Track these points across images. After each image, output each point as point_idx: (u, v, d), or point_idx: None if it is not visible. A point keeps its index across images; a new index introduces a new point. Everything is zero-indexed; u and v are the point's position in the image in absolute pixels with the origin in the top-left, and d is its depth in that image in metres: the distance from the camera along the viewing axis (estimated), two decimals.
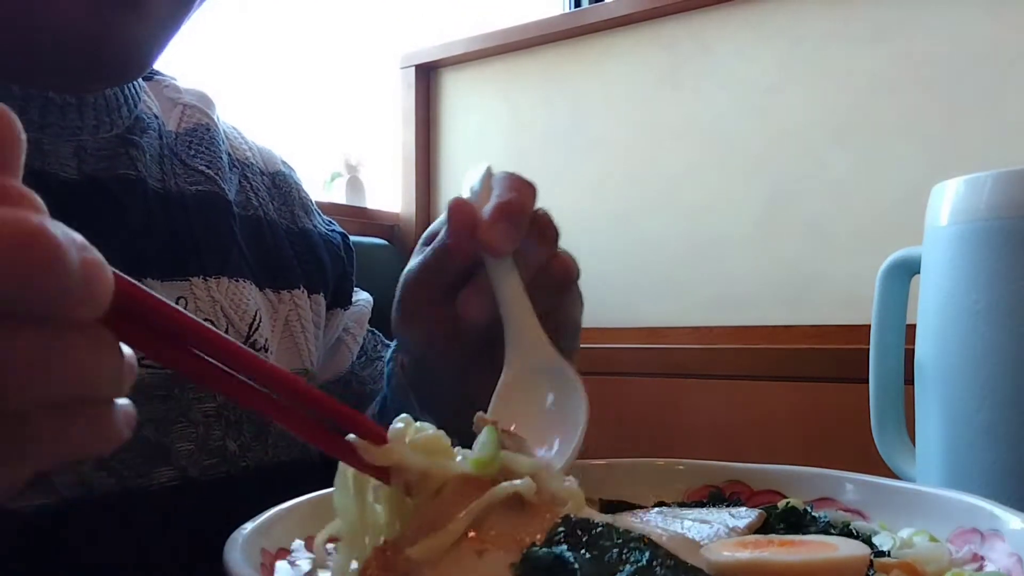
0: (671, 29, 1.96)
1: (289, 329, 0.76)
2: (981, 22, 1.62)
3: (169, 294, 0.65)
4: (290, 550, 0.41)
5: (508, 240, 0.56)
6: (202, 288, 0.68)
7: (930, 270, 0.70)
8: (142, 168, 0.68)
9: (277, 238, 0.78)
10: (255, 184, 0.79)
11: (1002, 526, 0.40)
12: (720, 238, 1.86)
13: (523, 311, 0.56)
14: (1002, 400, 0.63)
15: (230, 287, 0.70)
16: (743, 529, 0.44)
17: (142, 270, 0.65)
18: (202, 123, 0.76)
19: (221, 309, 0.69)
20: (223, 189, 0.73)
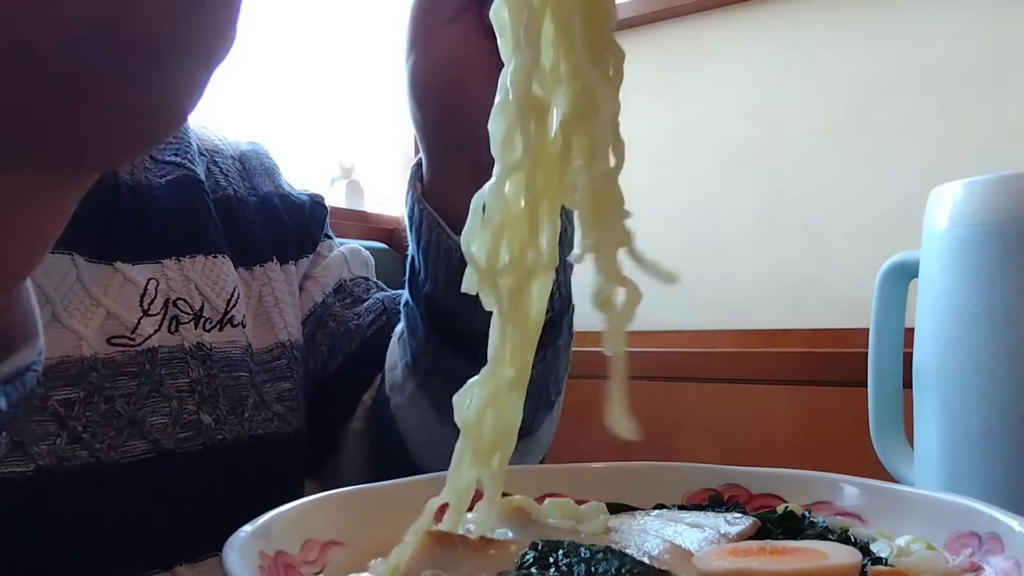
0: (670, 33, 1.96)
1: (263, 306, 0.76)
2: (979, 26, 1.62)
3: (139, 276, 0.66)
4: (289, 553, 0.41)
5: None
6: (174, 269, 0.69)
7: (929, 274, 0.70)
8: None
9: (247, 214, 0.78)
10: (224, 167, 0.79)
11: (1000, 529, 0.40)
12: (719, 242, 1.86)
13: None
14: (1001, 404, 0.63)
15: (206, 264, 0.71)
16: (735, 536, 0.44)
17: (112, 254, 0.66)
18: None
19: (196, 287, 0.69)
20: (194, 171, 0.74)
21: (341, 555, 0.43)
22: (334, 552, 0.43)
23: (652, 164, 1.98)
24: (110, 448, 0.62)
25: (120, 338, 0.64)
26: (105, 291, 0.65)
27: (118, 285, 0.65)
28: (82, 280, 0.63)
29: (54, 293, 0.62)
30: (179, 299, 0.68)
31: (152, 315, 0.66)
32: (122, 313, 0.65)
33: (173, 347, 0.67)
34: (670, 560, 0.40)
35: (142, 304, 0.66)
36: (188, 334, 0.68)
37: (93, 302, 0.64)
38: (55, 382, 0.60)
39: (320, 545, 0.42)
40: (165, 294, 0.68)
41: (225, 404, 0.69)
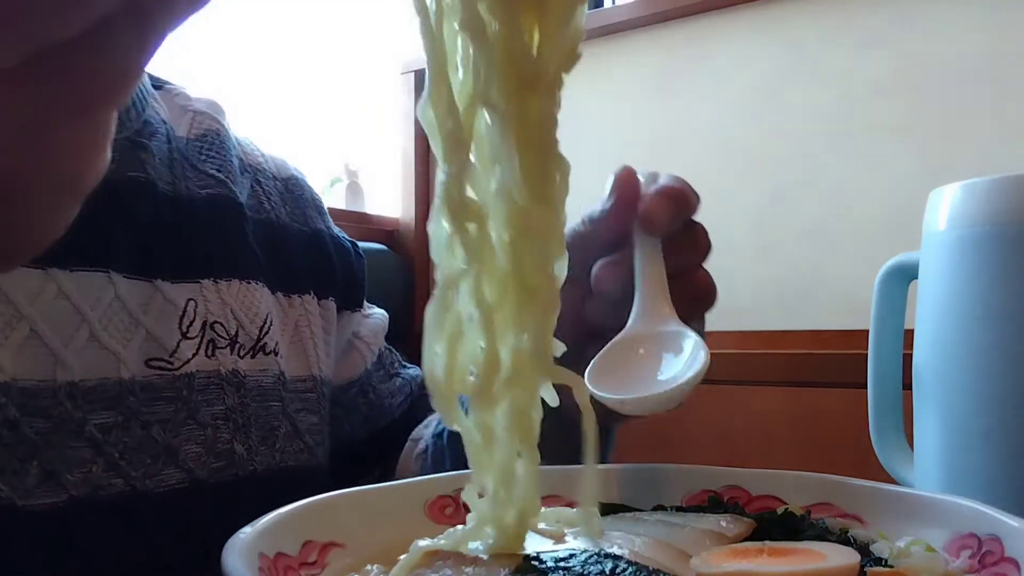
0: (669, 34, 1.96)
1: (299, 334, 0.75)
2: (979, 26, 1.62)
3: (178, 295, 0.66)
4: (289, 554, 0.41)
5: (667, 216, 0.58)
6: (212, 290, 0.68)
7: (928, 275, 0.70)
8: (151, 170, 0.67)
9: (288, 242, 0.78)
10: (267, 188, 0.78)
11: (1000, 531, 0.40)
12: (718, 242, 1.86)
13: (659, 288, 0.56)
14: (1001, 405, 0.63)
15: (241, 289, 0.70)
16: (731, 537, 0.44)
17: (151, 271, 0.65)
18: (212, 128, 0.76)
19: (231, 311, 0.69)
20: (234, 192, 0.73)
21: (340, 557, 0.43)
22: (333, 554, 0.43)
23: (652, 165, 1.98)
24: (145, 476, 0.60)
25: (159, 360, 0.63)
26: (145, 310, 0.63)
27: (158, 304, 0.64)
28: (121, 298, 0.62)
29: (91, 312, 0.60)
30: (216, 322, 0.67)
31: (191, 338, 0.65)
32: (161, 334, 0.64)
33: (210, 372, 0.66)
34: (668, 563, 0.40)
35: (181, 326, 0.65)
36: (224, 359, 0.67)
37: (133, 320, 0.62)
38: (93, 405, 0.59)
39: (319, 547, 0.42)
40: (203, 316, 0.67)
41: (257, 434, 0.68)
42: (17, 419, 0.56)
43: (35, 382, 0.57)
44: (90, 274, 0.61)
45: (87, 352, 0.59)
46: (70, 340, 0.59)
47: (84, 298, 0.60)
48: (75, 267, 0.60)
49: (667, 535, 0.45)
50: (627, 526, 0.47)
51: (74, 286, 0.60)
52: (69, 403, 0.58)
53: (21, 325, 0.57)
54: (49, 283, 0.59)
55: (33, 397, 0.57)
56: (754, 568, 0.39)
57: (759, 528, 0.46)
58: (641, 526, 0.47)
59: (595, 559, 0.38)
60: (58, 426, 0.57)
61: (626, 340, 0.54)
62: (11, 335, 0.56)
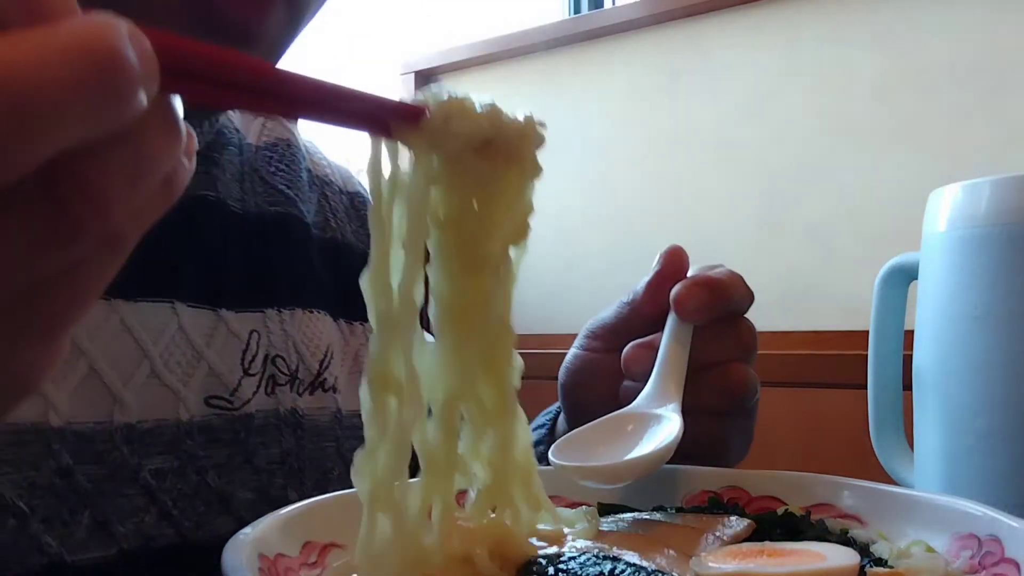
0: (670, 35, 1.96)
1: (358, 365, 0.73)
2: (979, 28, 1.62)
3: (242, 327, 0.64)
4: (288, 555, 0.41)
5: (697, 303, 0.58)
6: (275, 321, 0.66)
7: (928, 276, 0.70)
8: (222, 188, 0.66)
9: (353, 263, 0.74)
10: (334, 204, 0.76)
11: (1000, 531, 0.40)
12: (718, 244, 1.86)
13: (673, 372, 0.57)
14: (1000, 405, 0.63)
15: (303, 319, 0.68)
16: (729, 538, 0.44)
17: (217, 300, 0.63)
18: (283, 138, 0.74)
19: (293, 344, 0.66)
20: (302, 212, 0.71)
21: (340, 557, 0.43)
22: (333, 554, 0.43)
23: (652, 166, 1.98)
24: (197, 526, 0.58)
25: (219, 399, 0.61)
26: (208, 342, 0.61)
27: (222, 337, 0.62)
28: (184, 329, 0.60)
29: (153, 347, 0.58)
30: (278, 356, 0.65)
31: (252, 375, 0.63)
32: (223, 370, 0.61)
33: (268, 412, 0.64)
34: (667, 563, 0.40)
35: (243, 361, 0.63)
36: (284, 397, 0.65)
37: (195, 354, 0.60)
38: (148, 449, 0.57)
39: (319, 547, 0.42)
40: (266, 349, 0.65)
41: (311, 478, 0.66)
42: (71, 467, 0.53)
43: (91, 425, 0.54)
44: (155, 305, 0.59)
45: (146, 390, 0.57)
46: (130, 378, 0.56)
47: (147, 331, 0.58)
48: (140, 298, 0.58)
49: (667, 535, 0.45)
50: (627, 526, 0.47)
51: (137, 318, 0.57)
52: (125, 447, 0.56)
53: (80, 362, 0.54)
54: (112, 315, 0.56)
55: (88, 441, 0.54)
56: (754, 568, 0.39)
57: (759, 529, 0.46)
58: (641, 526, 0.47)
59: (594, 560, 0.38)
60: (112, 473, 0.55)
61: (618, 417, 0.55)
62: (69, 373, 0.54)
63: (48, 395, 0.53)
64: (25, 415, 0.52)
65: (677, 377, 0.56)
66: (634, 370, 0.59)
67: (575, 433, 0.54)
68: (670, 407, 0.54)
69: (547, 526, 0.45)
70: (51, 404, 0.53)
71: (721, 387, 0.59)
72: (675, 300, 0.59)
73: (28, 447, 0.52)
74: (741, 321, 0.61)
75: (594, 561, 0.38)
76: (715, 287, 0.59)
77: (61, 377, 0.53)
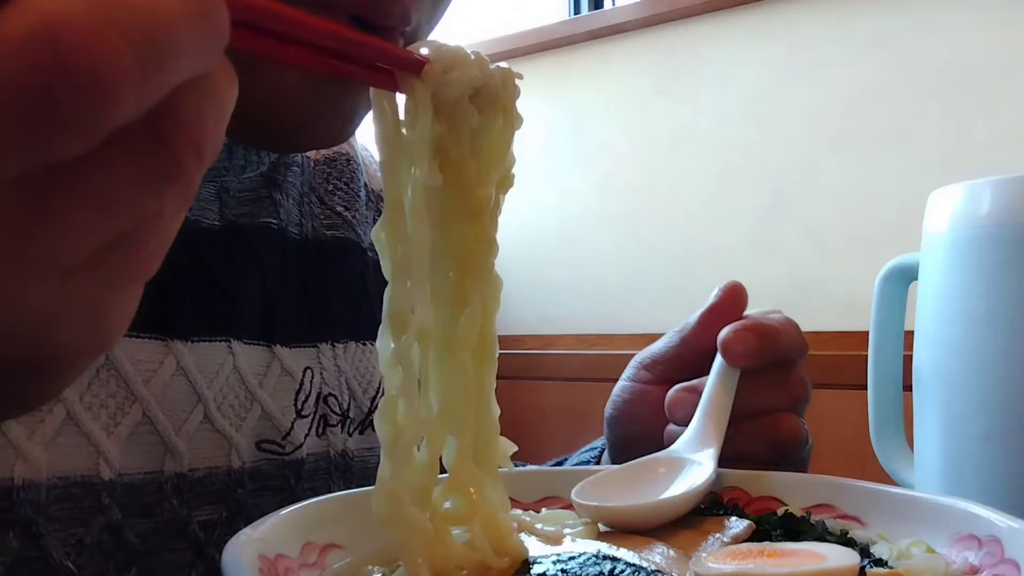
0: (670, 36, 1.96)
1: None
2: (979, 29, 1.62)
3: (296, 364, 0.62)
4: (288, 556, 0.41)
5: (744, 347, 0.57)
6: (329, 356, 0.64)
7: (928, 276, 0.70)
8: (283, 215, 0.64)
9: None
10: None
11: (1000, 532, 0.40)
12: (718, 244, 1.86)
13: (714, 418, 0.55)
14: (1000, 406, 0.63)
15: (356, 352, 0.67)
16: (729, 539, 0.44)
17: (271, 334, 0.61)
18: (342, 152, 0.72)
19: (345, 380, 0.65)
20: (358, 235, 0.70)
21: (340, 558, 0.43)
22: (333, 555, 0.43)
23: (652, 167, 1.98)
24: None
25: (271, 443, 0.60)
26: (261, 382, 0.59)
27: (275, 376, 0.60)
28: (239, 368, 0.58)
29: (207, 390, 0.56)
30: (330, 395, 0.64)
31: (304, 416, 0.62)
32: (276, 413, 0.60)
33: (319, 456, 0.62)
34: (666, 563, 0.40)
35: (296, 402, 0.61)
36: (334, 439, 0.64)
37: (248, 396, 0.58)
38: (199, 499, 0.55)
39: (319, 548, 0.42)
40: (318, 388, 0.63)
41: None
42: (120, 522, 0.51)
43: (141, 476, 0.53)
44: (211, 344, 0.57)
45: (199, 437, 0.55)
46: (182, 424, 0.55)
47: (202, 373, 0.56)
48: (197, 337, 0.56)
49: (666, 536, 0.45)
50: None
51: (193, 360, 0.56)
52: (175, 499, 0.54)
53: (134, 409, 0.53)
54: (168, 358, 0.55)
55: (138, 494, 0.53)
56: (753, 569, 0.39)
57: (759, 529, 0.46)
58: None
59: (594, 560, 0.38)
60: (161, 526, 0.53)
61: (653, 461, 0.54)
62: (122, 420, 0.52)
63: (100, 445, 0.51)
64: (75, 468, 0.50)
65: (718, 423, 0.55)
66: (677, 414, 0.58)
67: (604, 474, 0.52)
68: (707, 453, 0.52)
69: (547, 527, 0.45)
70: (103, 455, 0.51)
71: (767, 437, 0.57)
72: (722, 343, 0.57)
73: (78, 502, 0.50)
74: (793, 370, 0.60)
75: (593, 561, 0.38)
76: (765, 333, 0.58)
77: (114, 425, 0.52)
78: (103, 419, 0.52)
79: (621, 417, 0.66)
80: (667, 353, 0.65)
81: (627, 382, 0.67)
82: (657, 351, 0.66)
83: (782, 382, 0.59)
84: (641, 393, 0.65)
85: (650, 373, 0.65)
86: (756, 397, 0.57)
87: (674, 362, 0.63)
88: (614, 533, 0.46)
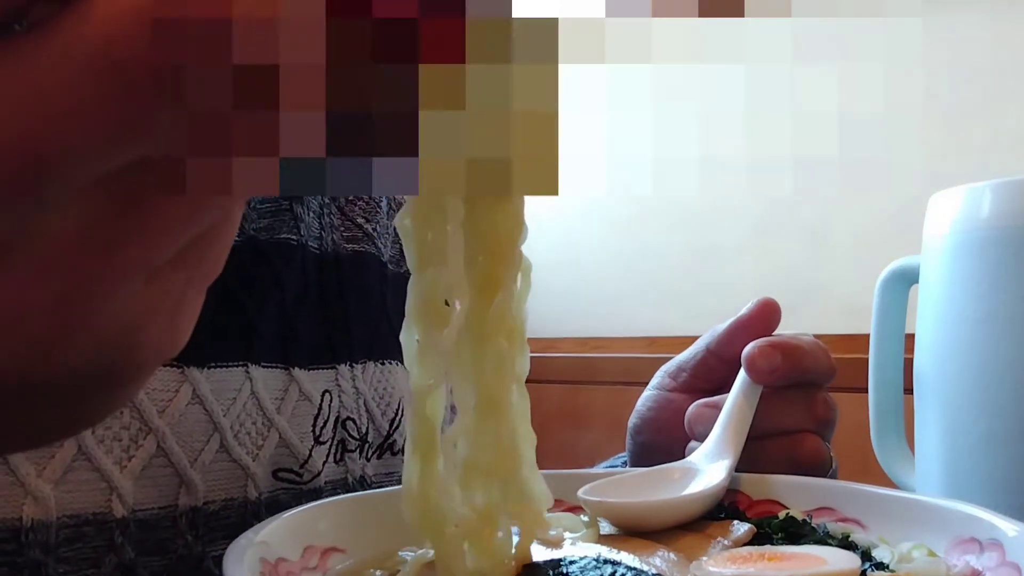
0: (671, 33, 1.96)
1: None
2: (981, 32, 1.62)
3: (314, 388, 0.60)
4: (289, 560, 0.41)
5: (769, 364, 0.56)
6: (347, 378, 0.62)
7: (929, 279, 0.70)
8: (303, 229, 0.62)
9: None
10: None
11: (1001, 535, 0.40)
12: (719, 247, 1.86)
13: (732, 434, 0.55)
14: (1002, 409, 0.63)
15: (375, 373, 0.64)
16: (730, 544, 0.44)
17: (289, 356, 0.59)
18: None
19: (364, 403, 0.63)
20: (379, 249, 0.68)
21: (341, 562, 0.43)
22: (334, 559, 0.43)
23: (653, 168, 1.98)
24: None
25: (288, 472, 0.58)
26: (279, 407, 0.57)
27: (293, 400, 0.58)
28: (256, 394, 0.56)
29: (224, 418, 0.54)
30: (348, 419, 0.62)
31: (323, 442, 0.60)
32: (295, 440, 0.58)
33: (337, 483, 0.61)
34: (667, 567, 0.40)
35: (315, 428, 0.59)
36: (353, 465, 0.62)
37: (266, 422, 0.56)
38: (214, 533, 0.53)
39: (320, 552, 0.42)
40: (336, 411, 0.61)
41: None
42: (133, 561, 0.50)
43: (155, 511, 0.51)
44: (229, 370, 0.55)
45: (214, 468, 0.53)
46: (198, 455, 0.53)
47: (219, 400, 0.54)
48: (214, 363, 0.54)
49: (667, 540, 0.45)
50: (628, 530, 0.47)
51: (210, 388, 0.54)
52: (190, 534, 0.52)
53: (148, 441, 0.50)
54: (184, 387, 0.53)
55: (151, 530, 0.51)
56: (754, 573, 0.39)
57: (760, 533, 0.46)
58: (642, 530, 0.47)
59: (594, 564, 0.38)
60: (176, 563, 0.52)
61: (667, 469, 0.53)
62: (136, 454, 0.50)
63: (112, 480, 0.49)
64: (87, 506, 0.48)
65: (737, 436, 0.55)
66: (697, 429, 0.58)
67: (615, 477, 0.52)
68: (722, 464, 0.52)
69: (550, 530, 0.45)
70: (115, 490, 0.49)
71: (789, 457, 0.57)
72: (747, 358, 0.57)
73: (89, 542, 0.48)
74: (818, 392, 0.60)
75: (594, 565, 0.38)
76: (791, 352, 0.57)
77: (127, 458, 0.50)
78: (116, 453, 0.49)
79: (644, 426, 0.66)
80: (693, 361, 0.65)
81: (652, 391, 0.67)
82: (683, 359, 0.65)
83: (806, 403, 0.59)
84: (665, 401, 0.65)
85: (675, 381, 0.65)
86: (779, 416, 0.57)
87: (699, 371, 0.63)
88: (615, 537, 0.46)
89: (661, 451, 0.59)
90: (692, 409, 0.59)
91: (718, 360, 0.62)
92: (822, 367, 0.59)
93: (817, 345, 0.60)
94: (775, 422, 0.57)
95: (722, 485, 0.50)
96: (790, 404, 0.58)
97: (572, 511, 0.49)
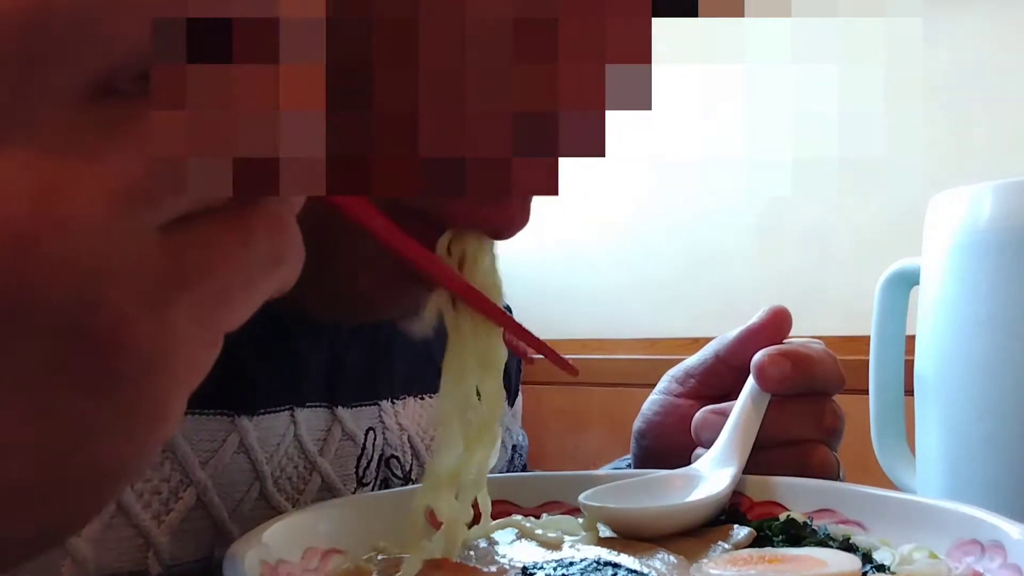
0: (668, 35, 1.97)
1: None
2: (982, 32, 1.62)
3: (358, 426, 0.58)
4: None
5: (778, 372, 0.56)
6: (390, 415, 0.60)
7: (930, 281, 0.70)
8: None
9: None
10: None
11: (1002, 537, 0.40)
12: (719, 249, 1.86)
13: (738, 442, 0.54)
14: (1002, 411, 0.63)
15: (416, 409, 0.62)
16: (730, 547, 0.44)
17: (333, 394, 0.57)
18: None
19: (408, 439, 0.61)
20: None
21: (341, 563, 0.43)
22: (334, 560, 0.43)
23: (651, 167, 1.98)
24: None
25: None
26: (321, 449, 0.55)
27: (336, 440, 0.56)
28: (299, 437, 0.53)
29: (266, 465, 0.51)
30: (392, 456, 0.59)
31: (366, 484, 0.58)
32: (337, 483, 0.55)
33: None
34: (667, 570, 0.40)
35: (358, 468, 0.57)
36: None
37: (308, 466, 0.54)
38: None
39: (320, 553, 0.42)
40: (380, 449, 0.59)
41: None
42: None
43: (191, 564, 0.48)
44: (275, 416, 0.52)
45: (252, 517, 0.50)
46: (237, 505, 0.50)
47: (263, 447, 0.51)
48: (263, 409, 0.52)
49: (667, 542, 0.45)
50: None
51: (257, 436, 0.51)
52: None
53: (188, 493, 0.48)
54: (232, 436, 0.50)
55: None
56: (754, 575, 0.38)
57: (760, 535, 0.46)
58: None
59: (594, 566, 0.38)
60: None
61: (670, 476, 0.53)
62: (175, 507, 0.47)
63: (150, 536, 0.46)
64: (123, 564, 0.46)
65: (743, 444, 0.54)
66: (703, 435, 0.57)
67: (617, 483, 0.51)
68: (727, 471, 0.52)
69: (548, 533, 0.45)
70: (153, 546, 0.46)
71: (796, 467, 0.56)
72: (756, 365, 0.57)
73: None
74: (826, 402, 0.59)
75: (594, 567, 0.38)
76: (800, 360, 0.57)
77: (165, 512, 0.47)
78: (155, 507, 0.47)
79: (650, 430, 0.65)
80: (701, 368, 0.64)
81: (658, 395, 0.66)
82: (690, 365, 0.65)
83: (814, 412, 0.58)
84: (671, 406, 0.64)
85: (682, 386, 0.65)
86: (787, 425, 0.56)
87: (707, 377, 0.63)
88: (615, 539, 0.46)
89: (666, 456, 0.59)
90: (699, 415, 0.58)
91: (726, 367, 0.62)
92: (831, 377, 0.59)
93: (827, 354, 0.60)
94: (783, 431, 0.56)
95: (725, 493, 0.50)
96: (799, 413, 0.57)
97: (572, 513, 0.49)
